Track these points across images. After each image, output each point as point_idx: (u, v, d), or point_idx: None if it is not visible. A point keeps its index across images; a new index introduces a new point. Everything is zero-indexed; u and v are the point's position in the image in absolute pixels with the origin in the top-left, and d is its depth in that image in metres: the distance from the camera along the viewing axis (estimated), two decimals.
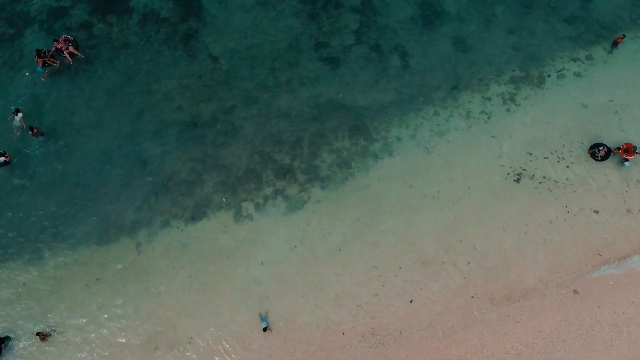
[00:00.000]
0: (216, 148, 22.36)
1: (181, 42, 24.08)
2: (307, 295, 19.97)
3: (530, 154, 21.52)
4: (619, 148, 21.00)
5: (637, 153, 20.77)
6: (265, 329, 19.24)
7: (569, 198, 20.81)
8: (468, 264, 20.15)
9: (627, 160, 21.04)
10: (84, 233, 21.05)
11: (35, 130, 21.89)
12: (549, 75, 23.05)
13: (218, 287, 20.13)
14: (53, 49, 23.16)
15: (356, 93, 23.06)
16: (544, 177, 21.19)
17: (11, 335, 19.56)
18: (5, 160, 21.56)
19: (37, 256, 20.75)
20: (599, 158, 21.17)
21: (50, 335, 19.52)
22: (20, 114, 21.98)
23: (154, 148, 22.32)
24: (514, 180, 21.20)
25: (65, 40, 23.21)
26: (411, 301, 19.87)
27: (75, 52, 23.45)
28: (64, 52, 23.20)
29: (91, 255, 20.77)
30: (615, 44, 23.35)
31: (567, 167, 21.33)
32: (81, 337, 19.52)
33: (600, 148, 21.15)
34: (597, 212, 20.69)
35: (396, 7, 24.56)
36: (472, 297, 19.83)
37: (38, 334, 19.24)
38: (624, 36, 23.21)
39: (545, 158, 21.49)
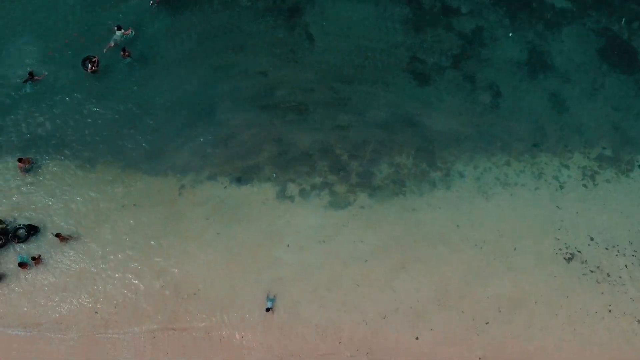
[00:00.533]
0: (284, 123, 22.46)
1: (285, 13, 24.18)
2: (319, 292, 19.83)
3: (592, 239, 20.27)
4: None
5: None
6: (268, 310, 19.24)
7: (616, 298, 19.45)
8: (487, 323, 19.31)
9: None
10: (138, 157, 21.81)
11: (126, 53, 22.79)
12: (639, 166, 21.55)
13: (239, 253, 20.35)
14: None
15: (435, 116, 22.47)
16: (597, 267, 19.90)
17: (41, 227, 20.62)
18: (90, 68, 22.53)
19: (90, 164, 21.73)
20: None
21: (69, 239, 20.34)
22: (122, 31, 22.90)
23: (227, 103, 22.70)
24: (565, 259, 20.05)
25: None
26: (417, 338, 19.30)
27: None
28: None
29: (137, 181, 21.51)
30: None
31: (626, 266, 19.93)
32: (99, 252, 20.35)
33: None
34: None
35: (505, 46, 23.64)
36: (480, 358, 19.01)
37: (57, 234, 20.11)
38: None
39: (605, 248, 20.17)
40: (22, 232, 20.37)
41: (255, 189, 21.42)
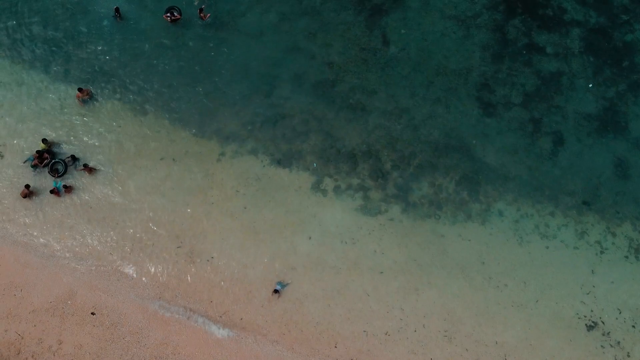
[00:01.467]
0: (337, 117, 22.32)
1: (367, 11, 24.01)
2: (328, 291, 19.61)
3: (620, 312, 19.20)
4: None
5: None
6: (276, 291, 19.14)
7: None
8: None
9: None
10: (188, 116, 22.17)
11: (204, 15, 23.15)
12: None
13: (260, 232, 20.36)
14: None
15: (490, 149, 21.80)
16: (619, 342, 18.83)
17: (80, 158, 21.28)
18: (170, 18, 23.02)
19: (143, 111, 22.24)
20: None
21: (95, 171, 20.97)
22: None
23: (287, 85, 22.74)
24: (586, 325, 19.07)
25: None
26: None
27: None
28: None
29: (181, 137, 21.87)
30: None
31: None
32: (128, 197, 20.86)
33: None
34: None
35: (581, 97, 22.64)
36: None
37: (85, 165, 20.75)
38: None
39: (632, 326, 19.06)
40: (60, 167, 20.88)
41: (292, 174, 21.38)
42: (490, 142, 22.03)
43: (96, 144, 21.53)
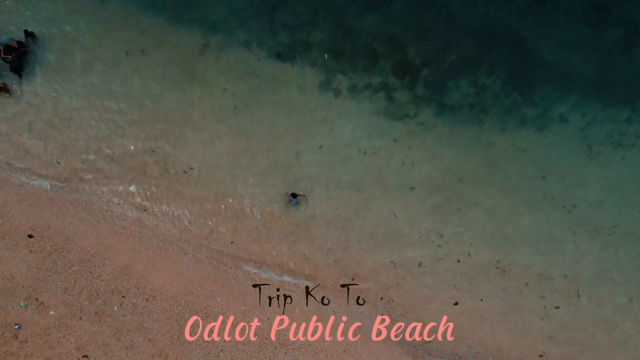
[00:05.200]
0: (352, 4, 17.56)
1: None
2: (344, 211, 15.15)
3: None
4: None
5: None
6: (294, 196, 14.59)
7: None
8: (557, 308, 14.09)
9: None
10: (164, 0, 17.37)
11: None
12: None
13: (255, 139, 15.87)
14: None
15: (545, 42, 17.10)
16: None
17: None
18: None
19: None
20: None
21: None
22: None
23: None
24: None
25: None
26: (456, 304, 14.30)
27: None
28: None
29: (154, 26, 17.03)
30: None
31: None
32: (79, 96, 16.39)
33: None
34: None
35: None
36: (541, 356, 13.92)
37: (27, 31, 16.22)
38: None
39: None
40: None
41: (295, 69, 16.67)
42: (546, 34, 17.31)
43: (46, 32, 16.72)
